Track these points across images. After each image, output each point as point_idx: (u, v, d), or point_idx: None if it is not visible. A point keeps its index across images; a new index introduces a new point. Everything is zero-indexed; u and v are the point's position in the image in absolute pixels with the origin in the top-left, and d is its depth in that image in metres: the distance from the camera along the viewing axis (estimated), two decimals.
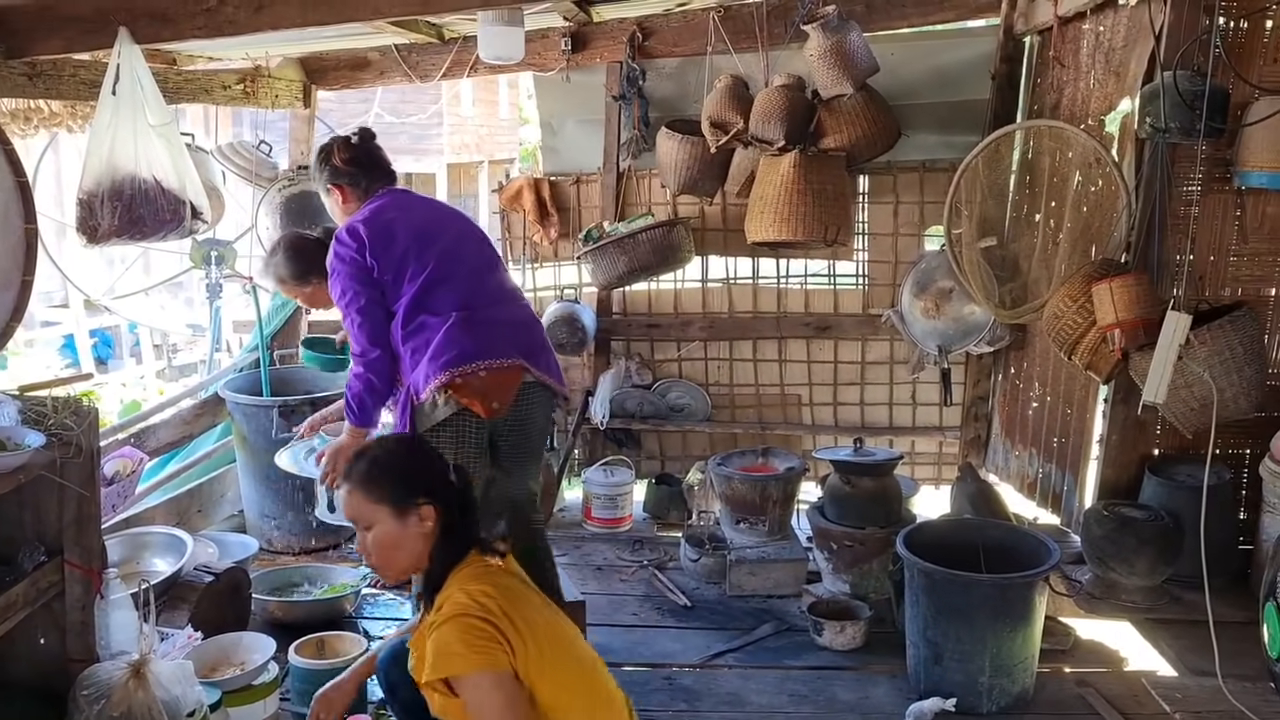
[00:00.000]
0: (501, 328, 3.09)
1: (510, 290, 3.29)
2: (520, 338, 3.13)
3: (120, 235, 3.31)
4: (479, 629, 2.07)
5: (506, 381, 3.05)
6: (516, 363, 3.05)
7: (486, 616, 2.09)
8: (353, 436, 3.18)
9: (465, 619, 2.09)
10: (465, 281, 3.09)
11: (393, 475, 2.27)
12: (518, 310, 3.25)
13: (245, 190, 5.09)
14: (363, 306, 3.05)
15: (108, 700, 2.26)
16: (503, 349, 3.04)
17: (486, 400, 3.00)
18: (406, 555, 2.26)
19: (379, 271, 3.05)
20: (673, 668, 3.52)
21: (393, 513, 2.23)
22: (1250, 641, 3.14)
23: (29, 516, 2.46)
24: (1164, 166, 3.40)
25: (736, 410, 5.22)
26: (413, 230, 3.09)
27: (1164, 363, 3.12)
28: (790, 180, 4.17)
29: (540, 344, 3.23)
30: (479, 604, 2.11)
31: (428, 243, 3.08)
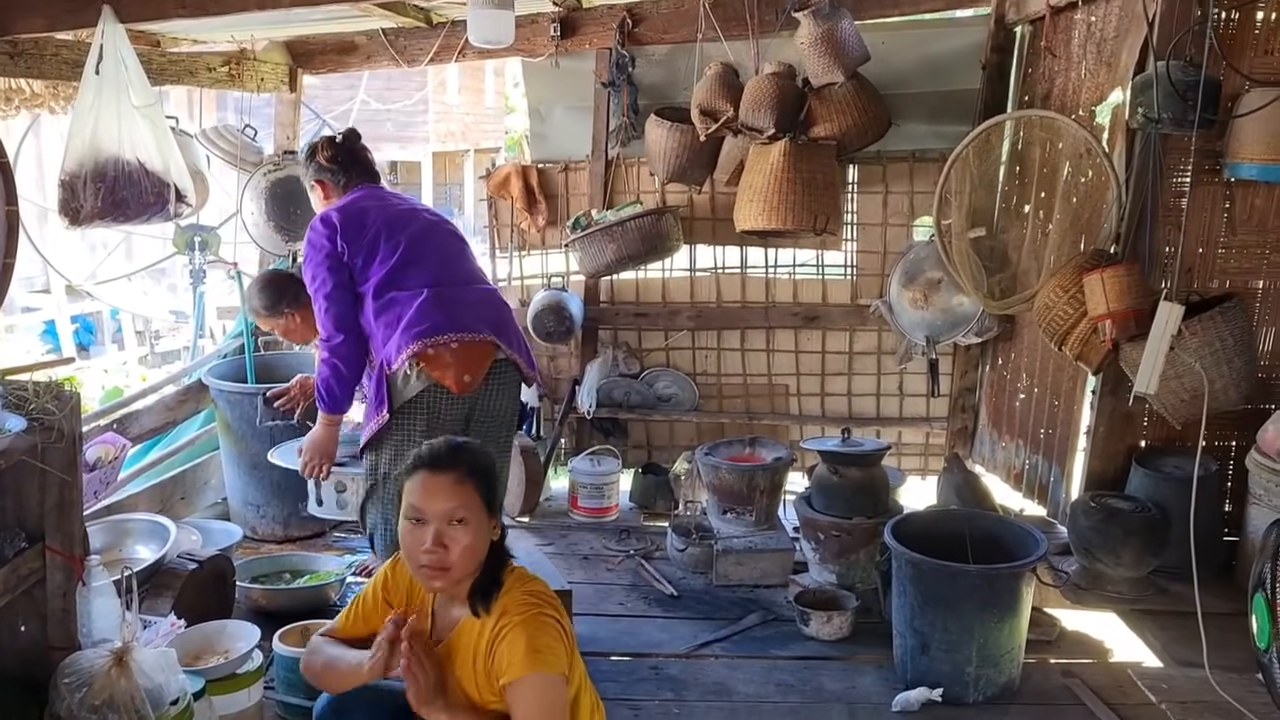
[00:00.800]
0: (472, 305, 3.16)
1: (480, 276, 3.37)
2: (490, 315, 3.19)
3: (103, 217, 3.28)
4: (557, 630, 2.12)
5: (477, 355, 3.10)
6: (487, 338, 3.11)
7: (559, 619, 2.14)
8: (326, 426, 3.27)
9: (546, 619, 2.11)
10: (435, 263, 3.17)
11: (490, 480, 2.21)
12: (487, 292, 3.32)
13: (229, 175, 5.04)
14: (329, 292, 3.12)
15: (89, 688, 2.22)
16: (474, 324, 3.09)
17: (458, 374, 3.04)
18: (477, 561, 2.17)
19: (349, 255, 3.12)
20: (659, 657, 3.51)
21: (487, 514, 2.17)
22: (1236, 633, 3.15)
23: (9, 502, 2.41)
24: (1156, 157, 3.40)
25: (724, 400, 5.21)
26: (384, 216, 3.18)
27: (1156, 353, 3.12)
28: (780, 169, 4.15)
29: (510, 324, 3.28)
30: (552, 605, 2.16)
31: (398, 227, 3.16)
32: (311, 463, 3.34)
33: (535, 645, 2.06)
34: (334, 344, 3.14)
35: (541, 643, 2.07)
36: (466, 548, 2.12)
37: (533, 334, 4.87)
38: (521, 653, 2.05)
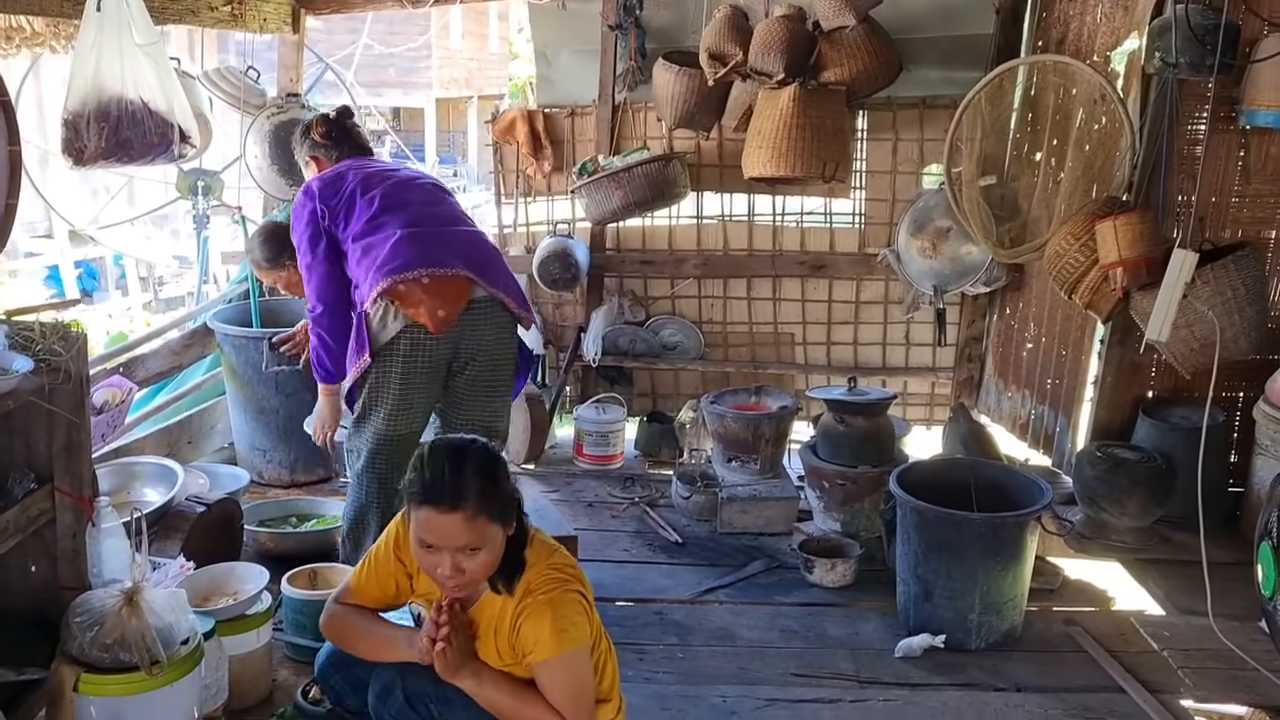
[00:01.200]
0: (448, 243, 3.12)
1: (462, 219, 3.30)
2: (468, 252, 3.14)
3: (107, 158, 3.24)
4: (581, 604, 2.13)
5: (451, 290, 3.04)
6: (461, 272, 3.05)
7: (582, 590, 2.16)
8: (324, 396, 3.31)
9: (570, 595, 2.12)
10: (413, 209, 3.15)
11: (500, 491, 2.10)
12: (469, 233, 3.25)
13: (232, 120, 4.99)
14: (309, 263, 3.17)
15: (101, 627, 2.24)
16: (447, 259, 3.05)
17: (431, 309, 3.00)
18: (496, 564, 2.12)
19: (328, 219, 3.13)
20: (664, 603, 3.53)
21: (503, 529, 2.10)
22: (1239, 582, 3.17)
23: (18, 443, 2.42)
24: (1172, 103, 3.35)
25: (730, 349, 5.20)
26: (362, 175, 3.20)
27: (1169, 301, 3.10)
28: (789, 114, 4.10)
29: (495, 263, 3.22)
30: (576, 578, 2.17)
31: (375, 182, 3.17)
32: (319, 433, 3.41)
33: (561, 625, 2.07)
34: (315, 315, 3.18)
35: (567, 621, 2.09)
36: (483, 564, 2.09)
37: (538, 281, 4.85)
38: (548, 633, 2.06)
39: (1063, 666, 3.12)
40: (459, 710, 2.16)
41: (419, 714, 2.17)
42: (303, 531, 3.70)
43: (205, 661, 2.44)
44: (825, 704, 2.91)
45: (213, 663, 2.52)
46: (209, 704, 2.52)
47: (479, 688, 2.14)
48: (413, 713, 2.17)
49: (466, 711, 2.16)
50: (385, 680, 2.20)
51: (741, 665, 3.13)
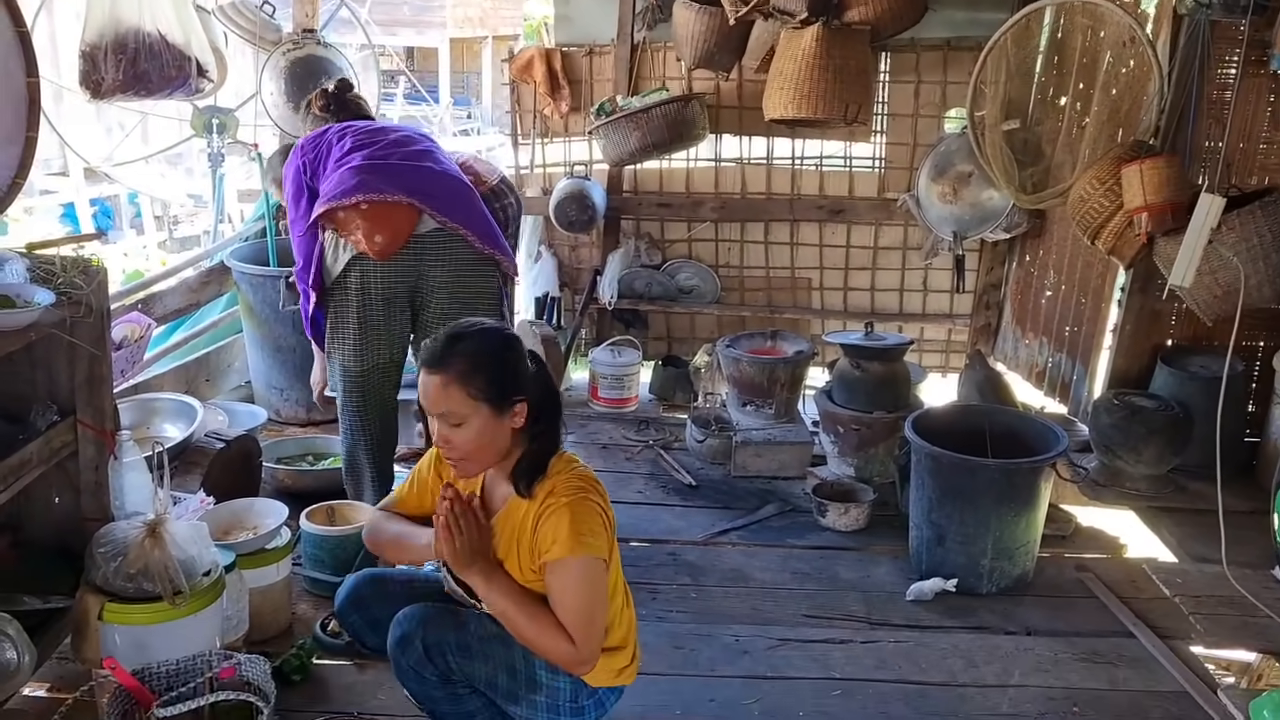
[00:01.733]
0: (398, 174, 3.03)
1: (432, 155, 3.18)
2: (420, 182, 3.04)
3: (125, 91, 3.23)
4: (601, 515, 2.12)
5: (390, 216, 2.98)
6: (401, 199, 2.98)
7: (604, 505, 2.14)
8: (320, 356, 3.32)
9: (591, 504, 2.11)
10: (381, 147, 3.09)
11: (494, 372, 2.09)
12: (432, 168, 3.13)
13: (247, 57, 4.94)
14: (294, 219, 3.17)
15: (125, 558, 2.27)
16: (388, 187, 2.97)
17: (369, 234, 2.96)
18: (497, 450, 2.14)
19: (309, 172, 3.14)
20: (677, 544, 3.57)
21: (492, 410, 2.08)
22: (1254, 530, 3.18)
23: (40, 376, 2.44)
24: (1203, 46, 3.29)
25: (746, 293, 5.18)
26: (345, 128, 3.19)
27: (1194, 246, 3.07)
28: (811, 55, 4.04)
29: (455, 198, 3.11)
30: (598, 490, 2.16)
31: (353, 131, 3.16)
32: (318, 387, 3.43)
33: (579, 528, 2.06)
34: (300, 273, 3.16)
35: (585, 526, 2.07)
36: (469, 443, 2.10)
37: (554, 222, 4.82)
38: (565, 533, 2.05)
39: (1073, 611, 3.14)
40: (478, 662, 2.17)
41: (436, 665, 2.16)
42: (321, 469, 3.74)
43: (226, 593, 2.48)
44: (836, 644, 2.95)
45: (234, 595, 2.56)
46: (230, 635, 2.56)
47: (488, 590, 2.12)
48: (430, 664, 2.16)
49: (485, 663, 2.17)
50: (405, 629, 2.18)
51: (754, 606, 3.16)
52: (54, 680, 2.53)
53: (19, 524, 2.57)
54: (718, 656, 2.87)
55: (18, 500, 2.41)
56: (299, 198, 3.15)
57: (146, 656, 2.26)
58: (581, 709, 2.23)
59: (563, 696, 2.20)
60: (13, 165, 2.40)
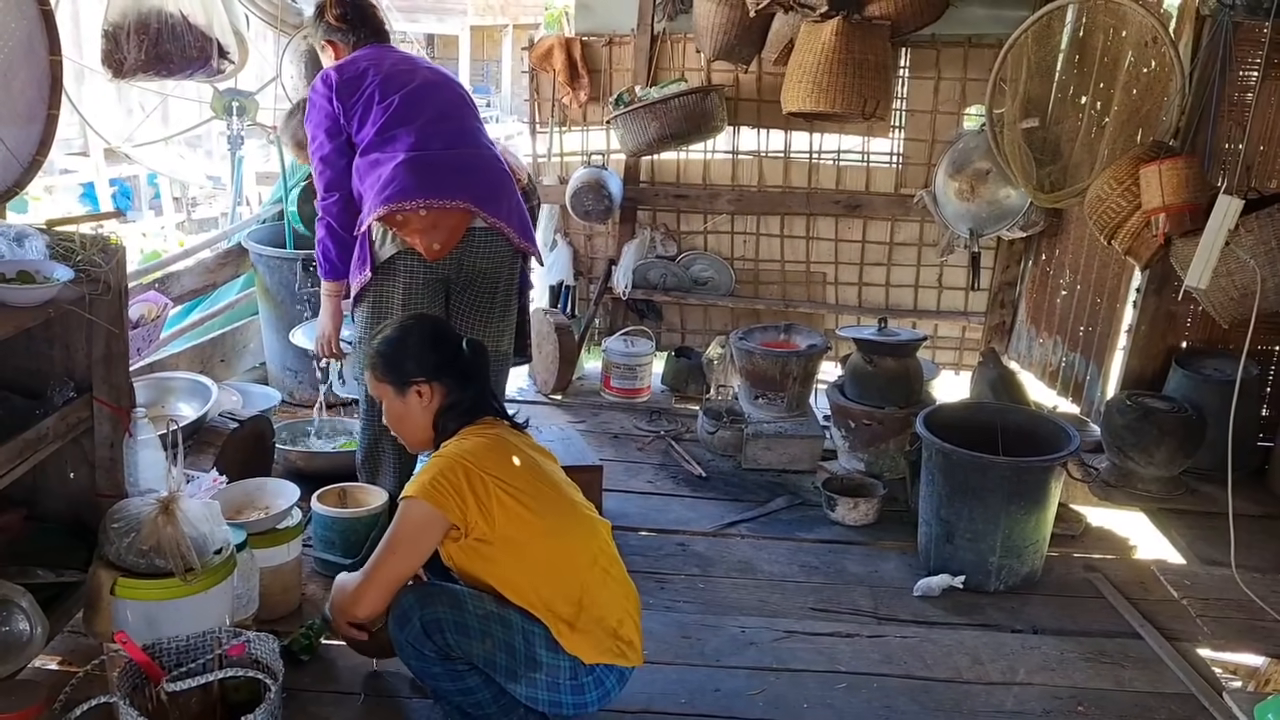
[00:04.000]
0: (451, 170, 3.06)
1: (474, 137, 3.21)
2: (471, 182, 3.07)
3: (147, 70, 3.25)
4: (449, 473, 2.22)
5: (448, 222, 3.02)
6: (460, 205, 3.01)
7: (462, 462, 2.24)
8: (328, 299, 3.28)
9: (443, 459, 2.26)
10: (425, 124, 3.08)
11: (392, 358, 2.41)
12: (477, 156, 3.16)
13: (267, 41, 4.96)
14: (326, 155, 3.12)
15: (138, 534, 2.29)
16: (447, 190, 3.00)
17: (427, 240, 3.00)
18: (412, 427, 2.42)
19: (344, 115, 3.09)
20: (686, 534, 3.57)
21: (395, 391, 2.40)
22: (1264, 535, 3.17)
23: (58, 352, 2.46)
24: (1226, 46, 3.27)
25: (760, 286, 5.18)
26: (382, 73, 3.11)
27: (1211, 247, 3.05)
28: (831, 49, 4.03)
29: (501, 191, 3.15)
30: (463, 451, 2.27)
31: (394, 85, 3.09)
32: (322, 339, 3.36)
33: (418, 477, 2.25)
34: (327, 203, 3.14)
35: (423, 476, 2.23)
36: (390, 419, 2.45)
37: (570, 211, 4.83)
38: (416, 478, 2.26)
39: (1081, 611, 3.14)
40: (475, 640, 2.20)
41: (434, 642, 2.20)
42: (333, 451, 3.75)
43: (237, 571, 2.49)
44: (842, 638, 2.95)
45: (245, 573, 2.58)
46: (240, 613, 2.58)
47: None
48: (429, 640, 2.20)
49: (484, 641, 2.20)
50: (404, 606, 2.24)
51: (761, 598, 3.17)
52: (65, 654, 2.56)
53: (34, 499, 2.59)
54: (724, 647, 2.88)
55: (33, 475, 2.43)
56: (333, 135, 3.09)
57: (157, 632, 2.28)
58: (582, 686, 2.26)
59: (563, 675, 2.24)
60: (34, 142, 2.42)
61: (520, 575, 2.25)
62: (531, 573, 2.25)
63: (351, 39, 3.25)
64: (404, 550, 2.25)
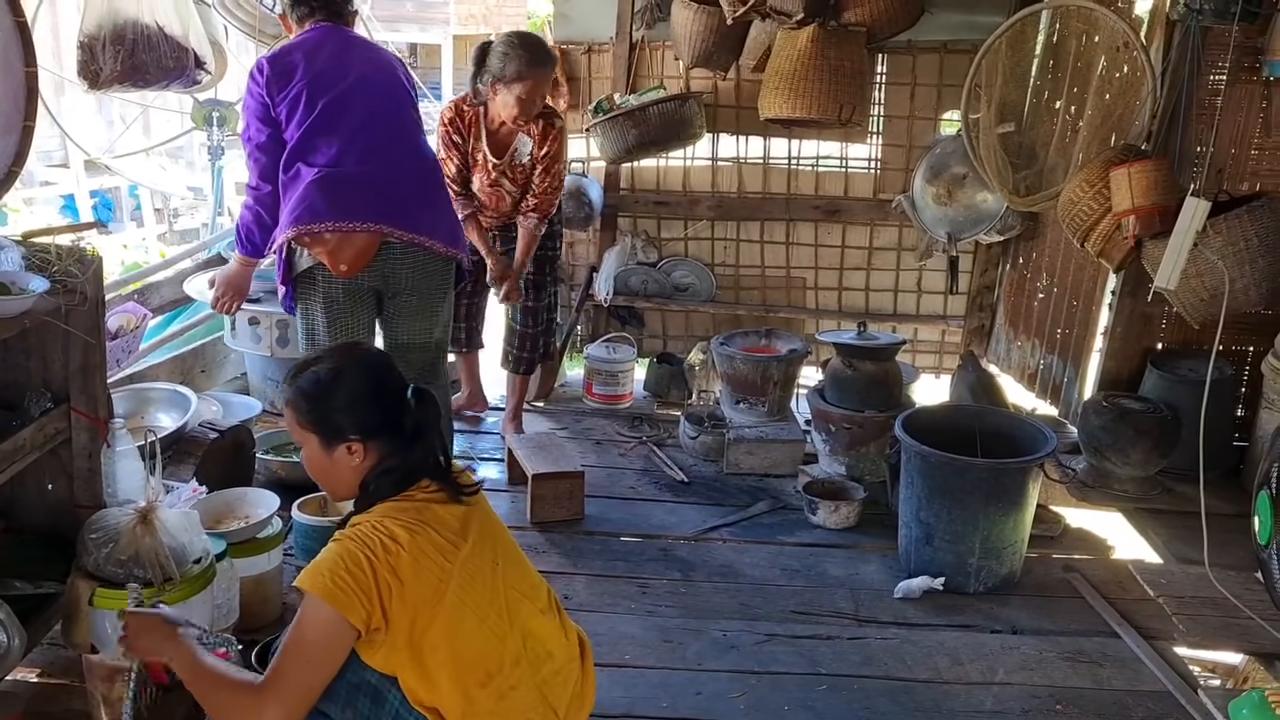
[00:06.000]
0: (365, 188, 3.05)
1: (399, 145, 3.18)
2: (386, 200, 3.07)
3: (123, 81, 3.25)
4: (350, 565, 1.84)
5: (355, 243, 3.03)
6: (368, 227, 3.02)
7: (369, 551, 1.85)
8: (241, 265, 3.31)
9: (345, 546, 1.86)
10: (347, 135, 3.06)
11: (320, 405, 1.99)
12: (397, 167, 3.14)
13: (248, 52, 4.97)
14: (261, 144, 3.09)
15: (116, 544, 2.29)
16: (357, 212, 3.00)
17: (334, 259, 3.04)
18: (337, 483, 2.05)
19: (274, 108, 3.08)
20: (668, 539, 3.59)
21: (320, 443, 2.00)
22: (1238, 533, 3.19)
23: (35, 363, 2.46)
24: (1195, 51, 3.31)
25: (741, 291, 5.20)
26: (312, 72, 3.07)
27: (1179, 249, 3.09)
28: (808, 55, 4.06)
29: (419, 204, 3.16)
30: (371, 532, 1.88)
31: (320, 89, 3.05)
32: (223, 299, 3.38)
33: (319, 566, 1.85)
34: (260, 194, 3.12)
35: (325, 565, 1.84)
36: (310, 468, 2.05)
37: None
38: (312, 565, 1.87)
39: (1059, 611, 3.17)
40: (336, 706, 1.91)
41: None
42: None
43: (217, 581, 2.49)
44: (823, 640, 2.97)
45: (224, 583, 2.57)
46: (221, 623, 2.57)
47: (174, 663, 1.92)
48: None
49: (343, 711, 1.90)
50: None
51: (743, 601, 3.18)
52: (44, 665, 2.55)
53: (12, 510, 2.59)
54: (705, 651, 2.89)
55: (11, 486, 2.43)
56: (264, 126, 3.08)
57: None
58: None
59: None
60: (9, 154, 2.42)
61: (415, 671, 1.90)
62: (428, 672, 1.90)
63: (299, 11, 3.19)
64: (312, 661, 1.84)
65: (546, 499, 3.62)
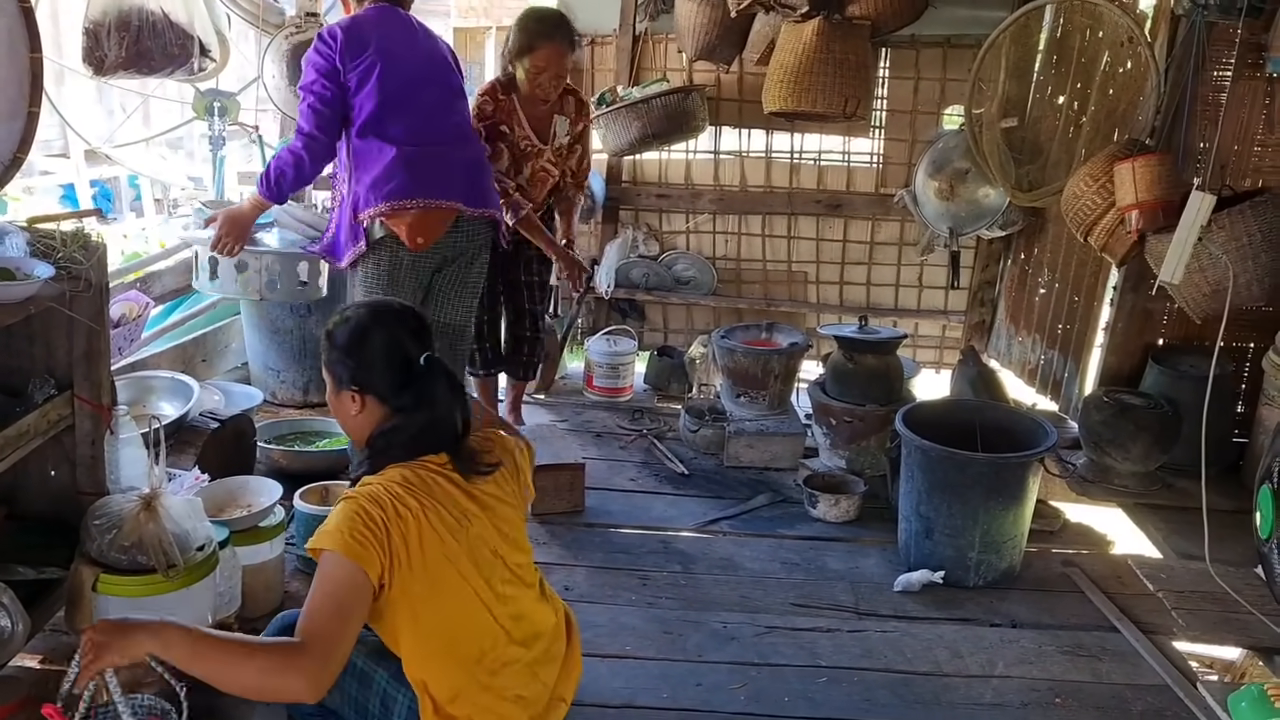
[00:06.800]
0: (444, 167, 3.23)
1: (463, 131, 3.40)
2: (463, 179, 3.27)
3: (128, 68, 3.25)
4: (366, 520, 1.85)
5: (437, 219, 3.22)
6: (452, 205, 3.22)
7: (380, 509, 1.87)
8: (254, 206, 3.34)
9: (358, 503, 1.87)
10: (421, 113, 3.21)
11: (331, 353, 2.08)
12: (465, 151, 3.35)
13: (249, 41, 4.95)
14: (326, 98, 3.14)
15: (119, 530, 2.29)
16: (440, 190, 3.19)
17: (412, 234, 3.18)
18: (346, 425, 2.14)
19: (345, 74, 3.15)
20: (669, 532, 3.59)
21: (332, 384, 2.10)
22: (1238, 529, 3.20)
23: (38, 350, 2.45)
24: (1199, 46, 3.31)
25: (742, 285, 5.20)
26: (384, 48, 3.18)
27: (1184, 242, 3.09)
28: (812, 48, 4.06)
29: (484, 183, 3.39)
30: (383, 493, 1.90)
31: (393, 65, 3.17)
32: (226, 238, 3.37)
33: (334, 523, 1.85)
34: (315, 143, 3.16)
35: (341, 522, 1.85)
36: (330, 403, 2.14)
37: None
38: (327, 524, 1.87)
39: (1059, 605, 3.17)
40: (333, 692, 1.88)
41: None
42: (315, 450, 3.75)
43: (219, 569, 2.49)
44: (823, 633, 2.97)
45: (227, 571, 2.57)
46: (223, 610, 2.58)
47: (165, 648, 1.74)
48: None
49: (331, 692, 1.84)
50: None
51: (743, 594, 3.18)
52: (47, 652, 2.55)
53: (15, 497, 2.58)
54: (705, 642, 2.89)
55: (14, 473, 2.42)
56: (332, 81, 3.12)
57: None
58: None
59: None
60: (15, 140, 2.40)
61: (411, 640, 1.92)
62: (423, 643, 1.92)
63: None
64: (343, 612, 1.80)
65: (547, 491, 3.62)
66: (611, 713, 2.54)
